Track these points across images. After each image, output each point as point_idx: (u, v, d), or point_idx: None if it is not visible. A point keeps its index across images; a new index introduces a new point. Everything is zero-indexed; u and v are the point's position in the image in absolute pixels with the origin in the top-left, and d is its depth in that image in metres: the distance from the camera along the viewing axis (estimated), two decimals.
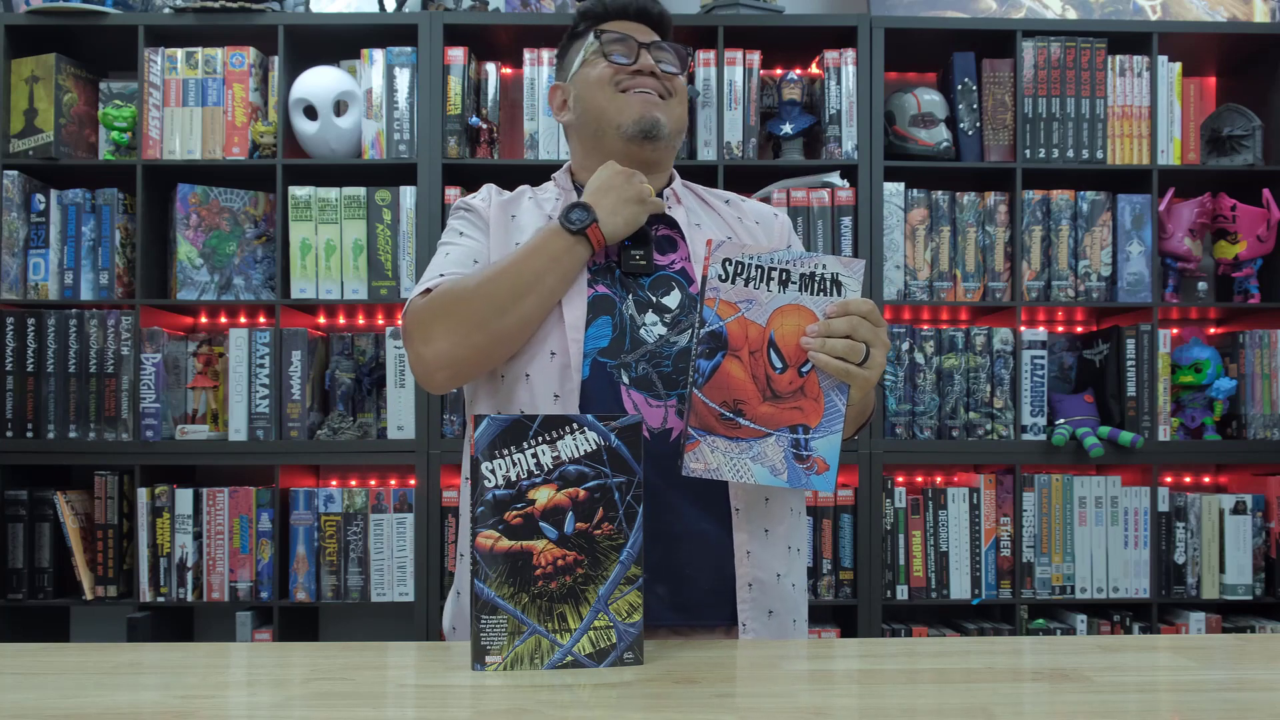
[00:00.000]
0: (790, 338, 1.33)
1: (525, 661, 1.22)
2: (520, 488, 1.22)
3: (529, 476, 1.22)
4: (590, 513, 1.23)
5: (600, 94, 1.59)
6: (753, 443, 1.32)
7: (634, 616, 1.24)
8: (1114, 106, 2.99)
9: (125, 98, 3.04)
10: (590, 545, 1.23)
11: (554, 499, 1.23)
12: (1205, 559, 2.93)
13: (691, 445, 1.32)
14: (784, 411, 1.33)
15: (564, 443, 1.23)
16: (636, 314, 1.50)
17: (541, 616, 1.22)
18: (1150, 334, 2.92)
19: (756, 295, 1.32)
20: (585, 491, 1.23)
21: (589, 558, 1.23)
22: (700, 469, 1.32)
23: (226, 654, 1.37)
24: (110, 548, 2.89)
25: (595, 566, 1.23)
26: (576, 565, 1.23)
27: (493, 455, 1.22)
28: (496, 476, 1.22)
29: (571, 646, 1.22)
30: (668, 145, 1.60)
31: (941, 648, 1.35)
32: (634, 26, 1.62)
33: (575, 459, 1.23)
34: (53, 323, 2.90)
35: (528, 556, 1.22)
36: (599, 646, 1.23)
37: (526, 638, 1.22)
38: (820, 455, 1.33)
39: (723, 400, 1.32)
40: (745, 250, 1.32)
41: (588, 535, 1.23)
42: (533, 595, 1.22)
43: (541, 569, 1.22)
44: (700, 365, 1.33)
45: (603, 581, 1.23)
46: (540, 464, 1.22)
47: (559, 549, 1.22)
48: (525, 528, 1.22)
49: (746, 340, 1.32)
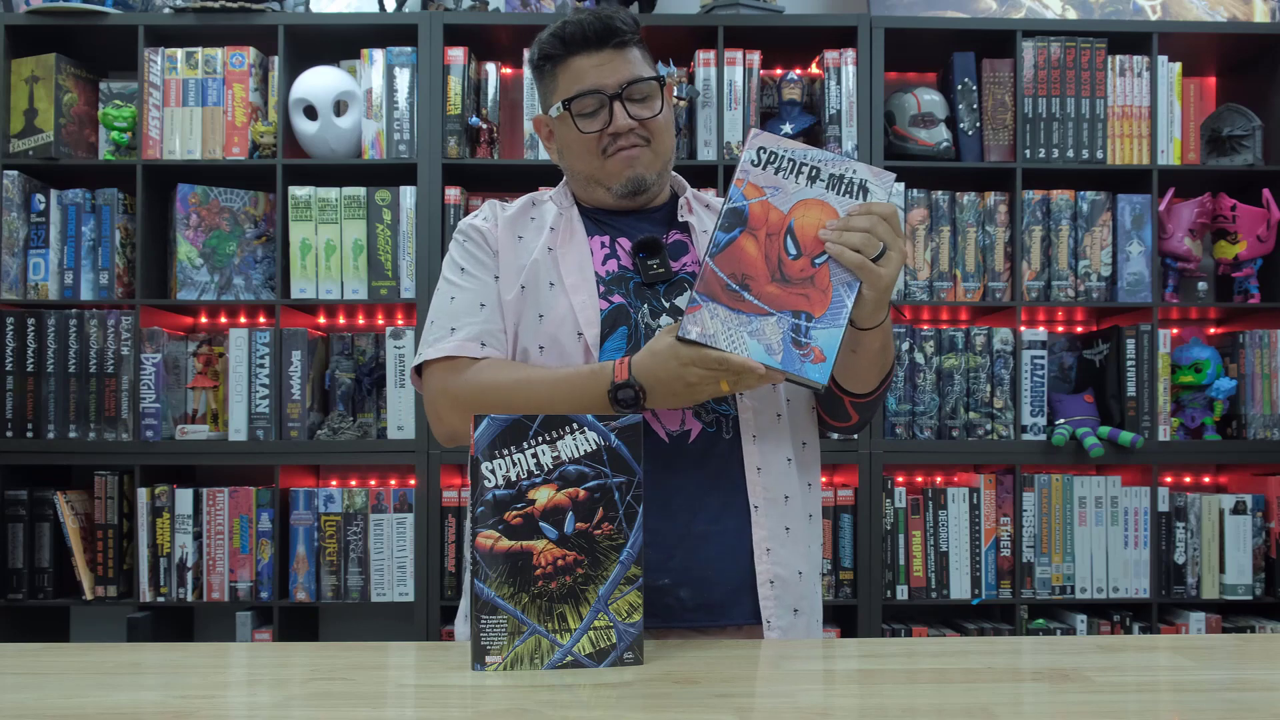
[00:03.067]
0: (809, 229, 1.35)
1: (525, 661, 1.22)
2: (520, 488, 1.22)
3: (529, 476, 1.22)
4: (590, 513, 1.23)
5: (583, 161, 1.58)
6: (753, 318, 1.34)
7: (634, 616, 1.24)
8: (1114, 106, 2.99)
9: (125, 98, 3.04)
10: (590, 545, 1.23)
11: (554, 499, 1.23)
12: (1205, 559, 2.93)
13: (693, 309, 1.34)
14: (790, 295, 1.34)
15: (564, 443, 1.23)
16: (651, 320, 1.52)
17: (541, 616, 1.22)
18: (1150, 334, 2.92)
19: (784, 184, 1.35)
20: (585, 491, 1.23)
21: (589, 558, 1.23)
22: (698, 333, 1.33)
23: (226, 654, 1.37)
24: (110, 548, 2.89)
25: (595, 566, 1.23)
26: (576, 565, 1.23)
27: (493, 455, 1.22)
28: (496, 476, 1.22)
29: (571, 646, 1.22)
30: (658, 186, 1.60)
31: (941, 648, 1.35)
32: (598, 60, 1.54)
33: (575, 459, 1.23)
34: (53, 323, 2.90)
35: (528, 556, 1.22)
36: (599, 646, 1.23)
37: (526, 638, 1.22)
38: (819, 345, 1.34)
39: (731, 272, 1.34)
40: (781, 142, 1.35)
41: (588, 535, 1.23)
42: (533, 595, 1.22)
43: (541, 569, 1.22)
44: (718, 237, 1.35)
45: (603, 581, 1.23)
46: (540, 464, 1.22)
47: (559, 549, 1.23)
48: (525, 528, 1.22)
49: (766, 223, 1.35)
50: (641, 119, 1.54)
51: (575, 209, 1.63)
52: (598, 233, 1.60)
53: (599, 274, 1.56)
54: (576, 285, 1.54)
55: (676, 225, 1.62)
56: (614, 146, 1.55)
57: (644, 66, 1.57)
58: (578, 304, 1.52)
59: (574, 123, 1.55)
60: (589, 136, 1.55)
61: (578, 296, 1.53)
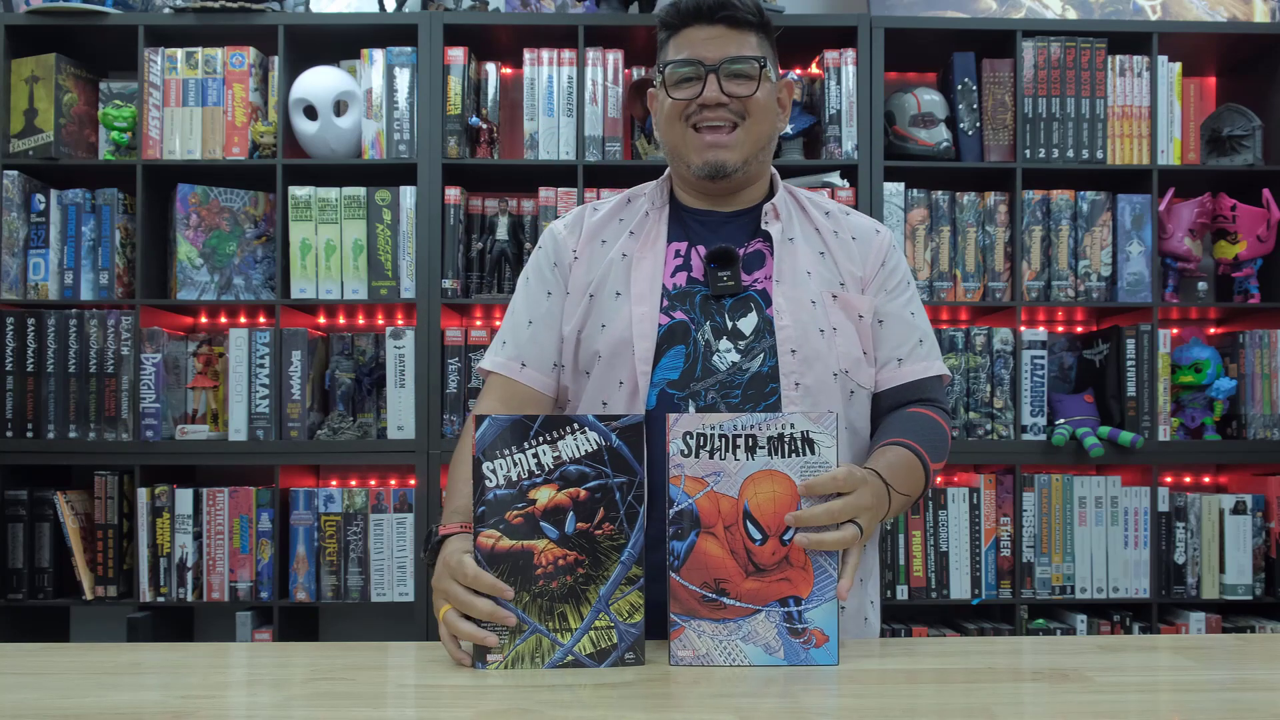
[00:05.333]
0: (766, 506, 1.24)
1: (526, 660, 1.22)
2: (521, 487, 1.22)
3: (530, 476, 1.22)
4: (591, 513, 1.23)
5: (672, 130, 1.57)
6: (741, 621, 1.23)
7: (635, 617, 1.24)
8: (1114, 106, 2.99)
9: (125, 98, 3.03)
10: (591, 545, 1.23)
11: (555, 499, 1.23)
12: (1205, 559, 2.92)
13: (676, 632, 1.24)
14: (771, 585, 1.24)
15: (565, 443, 1.23)
16: (712, 339, 1.50)
17: (542, 616, 1.22)
18: (1150, 334, 2.92)
19: (724, 466, 1.24)
20: (586, 491, 1.23)
21: (590, 558, 1.23)
22: (688, 656, 1.23)
23: (226, 654, 1.37)
24: (110, 548, 2.89)
25: (596, 566, 1.23)
26: (577, 565, 1.23)
27: (494, 455, 1.22)
28: (497, 476, 1.22)
29: (572, 646, 1.22)
30: (742, 174, 1.57)
31: (941, 648, 1.35)
32: (709, 34, 1.53)
33: (576, 459, 1.23)
34: (53, 323, 2.90)
35: (529, 556, 1.22)
36: (600, 646, 1.23)
37: (527, 636, 1.22)
38: (817, 627, 1.24)
39: (703, 581, 1.23)
40: (704, 419, 1.24)
41: (589, 535, 1.23)
42: (534, 594, 1.22)
43: (542, 568, 1.22)
44: (674, 547, 1.24)
45: (604, 581, 1.23)
46: (541, 464, 1.22)
47: (560, 549, 1.22)
48: (526, 527, 1.22)
49: (720, 515, 1.24)
50: (735, 95, 1.52)
51: (666, 208, 1.62)
52: (679, 238, 1.58)
53: (666, 286, 1.54)
54: (641, 296, 1.53)
55: (760, 233, 1.58)
56: (701, 119, 1.53)
57: (754, 48, 1.55)
58: (637, 316, 1.51)
59: (667, 89, 1.55)
60: (678, 103, 1.54)
61: (640, 308, 1.52)
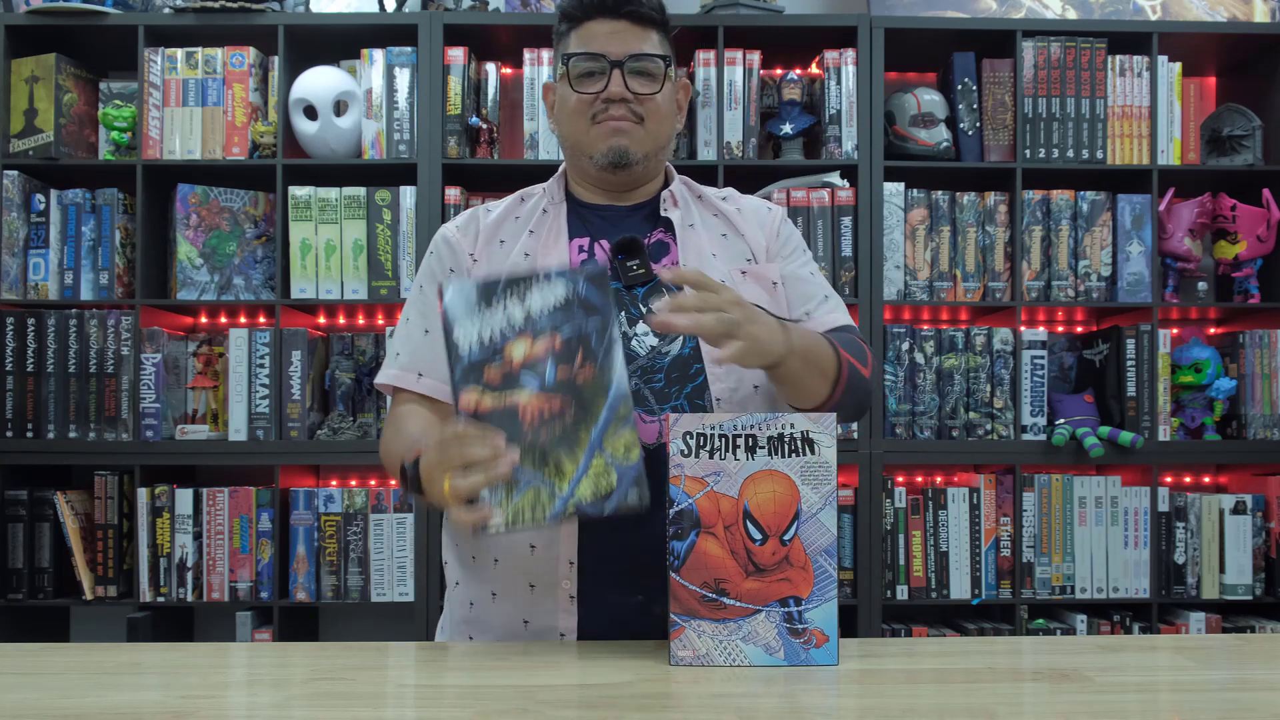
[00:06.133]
0: (766, 506, 1.24)
1: (527, 514, 1.20)
2: (495, 346, 1.21)
3: (502, 334, 1.22)
4: (569, 358, 1.22)
5: (573, 124, 1.56)
6: (741, 622, 1.24)
7: (632, 455, 1.22)
8: (1114, 106, 2.99)
9: (125, 98, 3.03)
10: (575, 390, 1.22)
11: (531, 351, 1.22)
12: (1205, 559, 2.93)
13: (676, 632, 1.23)
14: (771, 585, 1.24)
15: (532, 296, 1.22)
16: (627, 328, 1.48)
17: (536, 466, 1.21)
18: (1150, 334, 2.92)
19: (724, 466, 1.24)
20: (561, 339, 1.22)
21: (575, 402, 1.22)
22: (689, 656, 1.23)
23: (226, 654, 1.37)
24: (110, 548, 2.89)
25: (583, 410, 1.22)
26: (564, 412, 1.21)
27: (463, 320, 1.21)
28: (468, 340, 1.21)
29: (571, 493, 1.21)
30: (642, 168, 1.57)
31: (941, 648, 1.35)
32: (612, 28, 1.53)
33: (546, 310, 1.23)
34: (53, 323, 2.90)
35: (514, 411, 1.21)
36: (600, 490, 1.21)
37: (524, 490, 1.20)
38: (817, 626, 1.24)
39: (703, 581, 1.24)
40: (704, 420, 1.23)
41: (570, 382, 1.22)
42: (525, 448, 1.20)
43: (529, 421, 1.21)
44: (674, 547, 1.24)
45: (594, 423, 1.21)
46: (511, 321, 1.22)
47: (544, 398, 1.21)
48: (506, 383, 1.21)
49: (719, 515, 1.24)
50: (638, 93, 1.52)
51: (564, 204, 1.60)
52: (580, 233, 1.57)
53: None
54: None
55: (660, 223, 1.58)
56: (604, 114, 1.53)
57: (656, 46, 1.55)
58: None
59: (570, 83, 1.54)
60: (583, 98, 1.53)
61: None
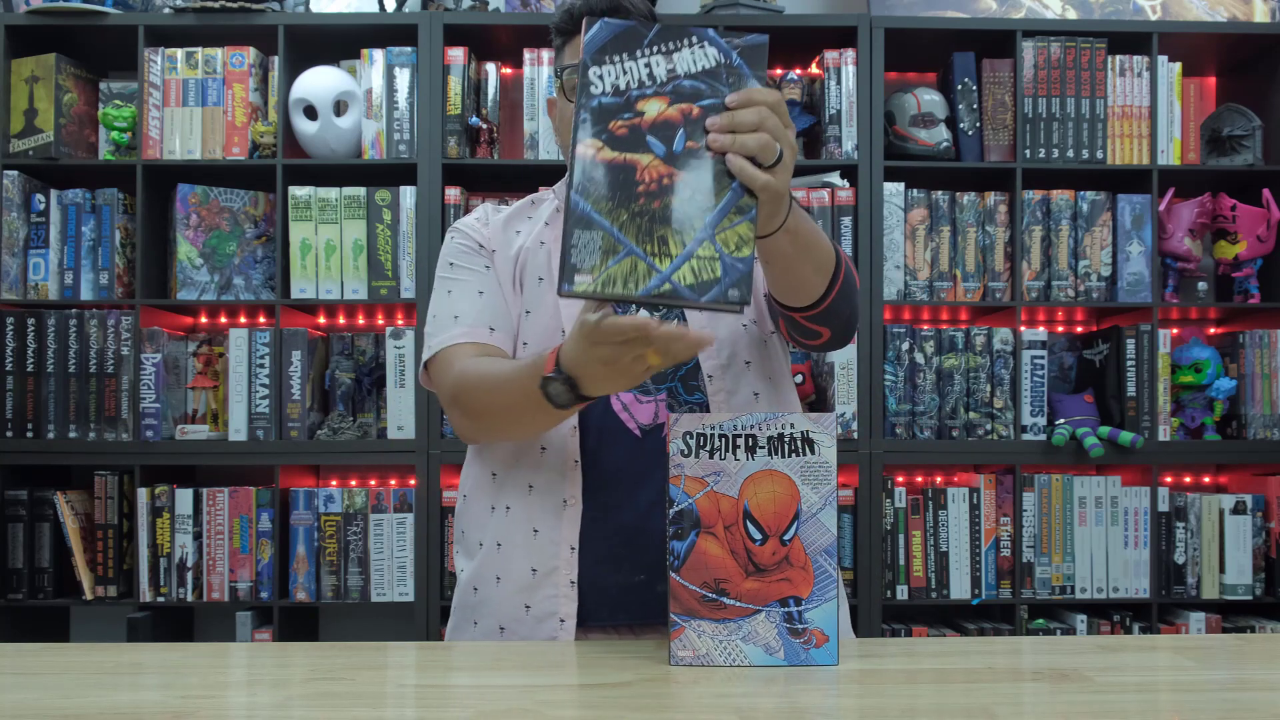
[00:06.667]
0: (766, 507, 1.24)
1: (619, 283, 1.10)
2: (630, 97, 1.12)
3: (640, 86, 1.12)
4: (703, 130, 1.12)
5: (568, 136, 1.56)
6: (742, 622, 1.23)
7: (743, 250, 1.11)
8: (1114, 106, 2.99)
9: (125, 98, 3.04)
10: (701, 166, 1.12)
11: (665, 112, 1.12)
12: (1205, 559, 2.93)
13: (676, 632, 1.23)
14: (771, 585, 1.24)
15: (681, 55, 1.13)
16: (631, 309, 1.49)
17: (640, 237, 1.10)
18: (1150, 334, 2.92)
19: (724, 466, 1.23)
20: (700, 109, 1.12)
21: (697, 179, 1.12)
22: (689, 657, 1.23)
23: (226, 654, 1.37)
24: (110, 548, 2.89)
25: (703, 190, 1.12)
26: (684, 186, 1.11)
27: (602, 60, 1.12)
28: (604, 83, 1.12)
29: (671, 274, 1.10)
30: None
31: (941, 648, 1.35)
32: None
33: (692, 74, 1.13)
34: (53, 323, 2.90)
35: (631, 170, 1.11)
36: (701, 278, 1.10)
37: (622, 258, 1.10)
38: (817, 627, 1.23)
39: (703, 581, 1.23)
40: (704, 419, 1.23)
41: (698, 155, 1.12)
42: (632, 213, 1.10)
43: (645, 185, 1.11)
44: (674, 547, 1.24)
45: (711, 207, 1.11)
46: (654, 74, 1.12)
47: (666, 165, 1.11)
48: (631, 139, 1.11)
49: (719, 515, 1.24)
50: None
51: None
52: None
53: None
54: None
55: None
56: None
57: None
58: (563, 301, 1.47)
59: (565, 95, 1.54)
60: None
61: None
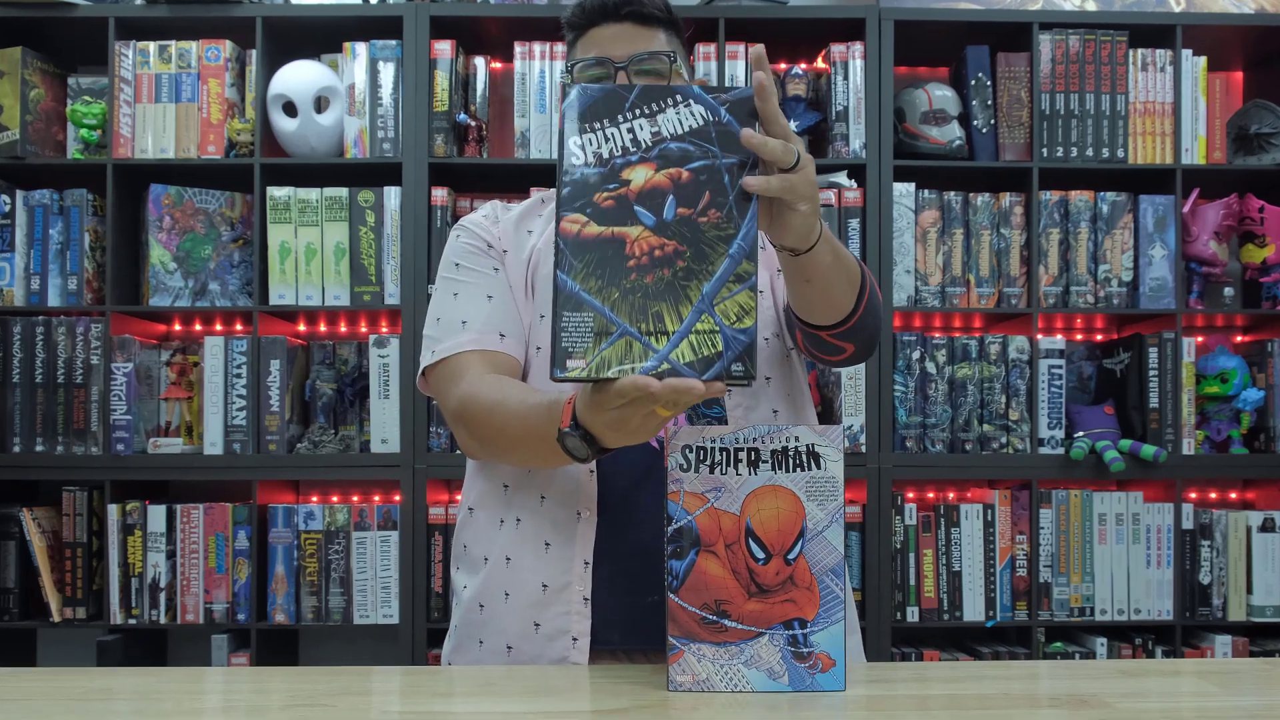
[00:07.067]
0: (770, 524, 1.22)
1: (613, 366, 1.09)
2: (614, 166, 1.11)
3: (624, 153, 1.12)
4: (695, 197, 1.11)
5: None
6: (744, 645, 1.22)
7: (745, 321, 1.10)
8: (1135, 103, 3.00)
9: (95, 93, 3.04)
10: (694, 234, 1.10)
11: (652, 180, 1.11)
12: (1231, 579, 2.93)
13: (675, 656, 1.21)
14: (774, 606, 1.22)
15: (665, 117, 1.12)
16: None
17: (634, 316, 1.10)
18: (1174, 342, 2.93)
19: (725, 481, 1.21)
20: (689, 173, 1.12)
21: (692, 249, 1.10)
22: (688, 682, 1.21)
23: (201, 679, 1.37)
24: (79, 567, 2.88)
25: (700, 260, 1.10)
26: (677, 257, 1.10)
27: (582, 129, 1.12)
28: (586, 153, 1.11)
29: (668, 353, 1.09)
30: None
31: (954, 672, 1.35)
32: (616, 31, 1.55)
33: (678, 135, 1.12)
34: (19, 330, 2.91)
35: (619, 245, 1.10)
36: (701, 354, 1.09)
37: (615, 339, 1.10)
38: (824, 650, 1.22)
39: (703, 602, 1.22)
40: (705, 432, 1.22)
41: (691, 223, 1.11)
42: (624, 290, 1.10)
43: (635, 259, 1.10)
44: (673, 566, 1.22)
45: (708, 278, 1.10)
46: (638, 139, 1.12)
47: (657, 237, 1.10)
48: (618, 211, 1.11)
49: (720, 532, 1.22)
50: None
51: None
52: None
53: None
54: None
55: None
56: None
57: (664, 44, 1.57)
58: None
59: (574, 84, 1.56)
60: None
61: None
